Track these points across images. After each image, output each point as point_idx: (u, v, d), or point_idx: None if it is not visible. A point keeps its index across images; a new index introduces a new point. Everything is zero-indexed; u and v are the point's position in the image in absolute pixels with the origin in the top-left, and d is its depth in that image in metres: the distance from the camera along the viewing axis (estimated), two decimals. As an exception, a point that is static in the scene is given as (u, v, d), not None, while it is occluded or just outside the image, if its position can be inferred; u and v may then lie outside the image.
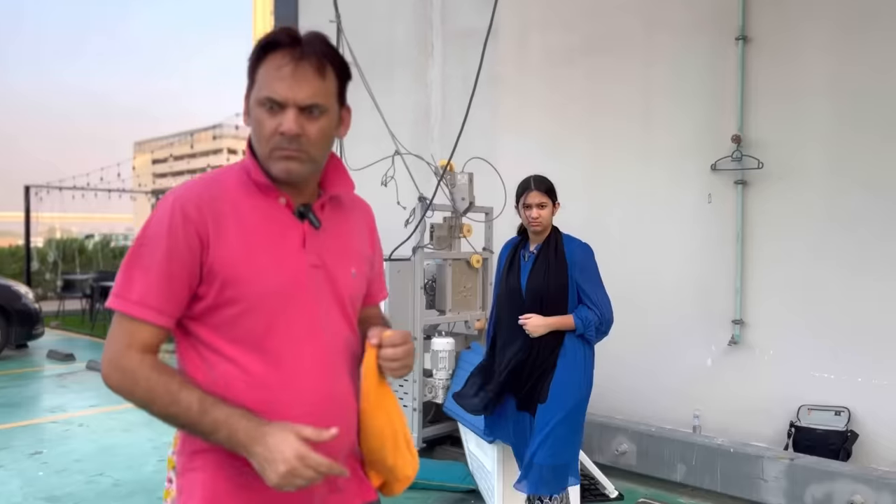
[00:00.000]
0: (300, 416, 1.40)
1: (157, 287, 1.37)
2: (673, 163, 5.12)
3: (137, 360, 1.38)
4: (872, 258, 4.29)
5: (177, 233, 1.37)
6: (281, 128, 1.38)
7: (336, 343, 1.51)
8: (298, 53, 1.38)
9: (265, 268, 1.41)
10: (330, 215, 1.54)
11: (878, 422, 4.25)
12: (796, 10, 4.58)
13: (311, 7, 8.18)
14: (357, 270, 1.56)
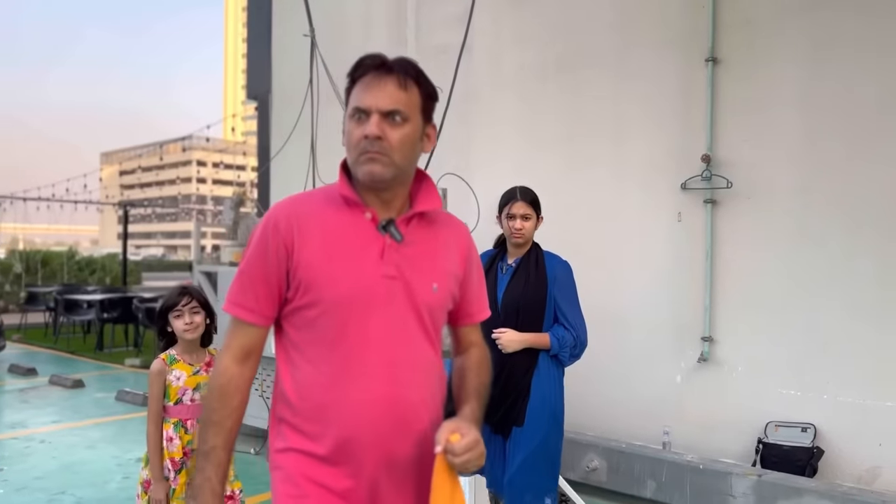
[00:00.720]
0: (351, 417, 1.55)
1: (253, 287, 1.59)
2: (644, 181, 5.18)
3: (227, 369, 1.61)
4: (839, 276, 4.37)
5: (268, 242, 1.58)
6: (365, 131, 1.53)
7: (407, 352, 1.59)
8: (383, 71, 1.56)
9: (341, 275, 1.55)
10: (416, 231, 1.64)
11: (843, 438, 4.31)
12: (764, 32, 4.68)
13: (285, 21, 8.17)
14: (440, 285, 1.64)
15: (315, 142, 6.58)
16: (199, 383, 3.03)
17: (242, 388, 1.62)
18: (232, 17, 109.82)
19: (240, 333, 1.62)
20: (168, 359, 3.02)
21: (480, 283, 1.80)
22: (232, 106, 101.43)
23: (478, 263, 1.79)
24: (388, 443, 1.57)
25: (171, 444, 2.97)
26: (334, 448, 1.57)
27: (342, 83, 6.38)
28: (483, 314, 1.82)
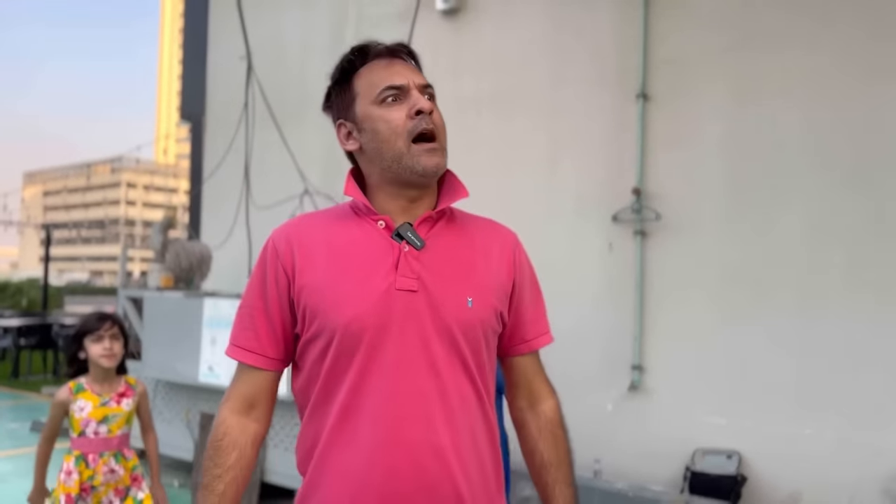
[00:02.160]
0: (350, 466, 1.27)
1: (251, 326, 1.37)
2: (576, 213, 5.28)
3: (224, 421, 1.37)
4: (761, 307, 4.52)
5: (266, 270, 1.36)
6: (416, 107, 1.31)
7: (433, 384, 1.28)
8: (391, 52, 1.38)
9: (348, 294, 1.28)
10: (444, 235, 1.36)
11: (765, 465, 4.43)
12: (692, 70, 4.86)
13: (221, 43, 8.07)
14: (476, 299, 1.32)
15: (249, 165, 6.50)
16: (107, 415, 2.90)
17: (241, 445, 1.35)
18: (168, 38, 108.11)
19: (241, 379, 1.39)
20: (75, 387, 2.90)
21: (537, 300, 1.48)
22: (165, 127, 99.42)
23: (529, 275, 1.47)
24: (405, 500, 1.26)
25: (70, 478, 2.83)
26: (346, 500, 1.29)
27: (279, 105, 6.39)
28: (543, 340, 1.49)
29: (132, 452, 3.00)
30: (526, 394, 1.49)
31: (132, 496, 2.94)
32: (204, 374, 5.18)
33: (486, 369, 1.36)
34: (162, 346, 5.54)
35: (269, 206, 6.10)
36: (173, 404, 5.64)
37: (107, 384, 2.94)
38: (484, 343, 1.34)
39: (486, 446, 1.35)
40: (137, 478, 2.98)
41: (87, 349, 2.90)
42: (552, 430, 1.45)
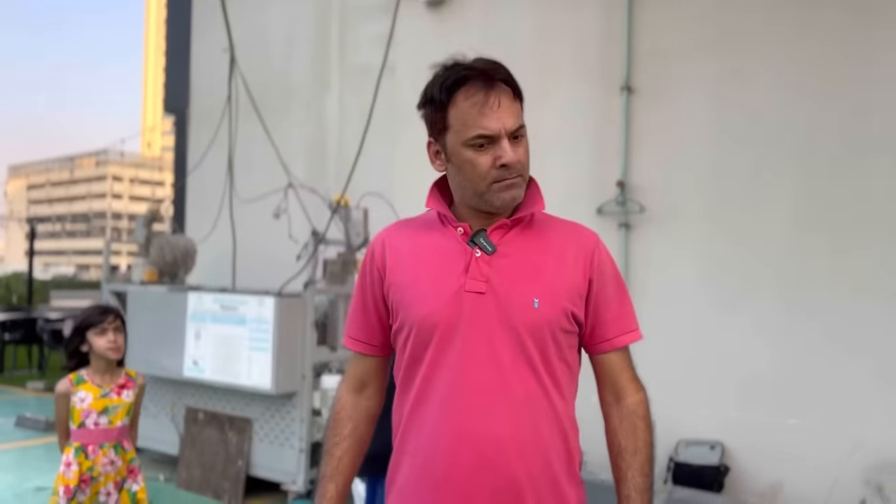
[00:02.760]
0: (417, 450, 1.44)
1: (357, 318, 1.59)
2: (561, 205, 5.22)
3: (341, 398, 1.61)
4: (745, 298, 4.55)
5: (366, 271, 1.56)
6: (501, 160, 1.40)
7: (497, 379, 1.39)
8: (489, 82, 1.42)
9: (424, 293, 1.44)
10: (517, 240, 1.47)
11: (748, 455, 4.47)
12: (676, 63, 4.87)
13: (204, 36, 8.01)
14: (544, 301, 1.41)
15: (232, 157, 6.46)
16: (108, 406, 2.92)
17: (355, 418, 1.57)
18: (153, 29, 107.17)
19: (353, 363, 1.62)
20: (75, 379, 2.92)
21: (620, 299, 1.53)
22: (151, 119, 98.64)
23: (611, 276, 1.52)
24: (471, 487, 1.38)
25: (69, 469, 2.85)
26: (405, 486, 1.46)
27: (263, 100, 6.36)
28: (627, 338, 1.54)
29: (130, 444, 3.03)
30: (611, 389, 1.56)
31: (127, 488, 2.97)
32: (188, 369, 5.17)
33: (557, 367, 1.45)
34: (146, 341, 5.51)
35: (253, 199, 6.07)
36: (158, 399, 5.62)
37: (108, 376, 2.96)
38: (552, 342, 1.43)
39: (552, 438, 1.44)
40: (134, 470, 3.01)
41: (90, 342, 2.91)
42: (633, 420, 1.52)
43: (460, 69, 1.45)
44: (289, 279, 4.95)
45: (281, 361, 4.67)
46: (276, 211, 5.28)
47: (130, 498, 2.97)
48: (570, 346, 1.48)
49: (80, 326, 2.95)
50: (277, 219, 5.31)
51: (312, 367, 4.81)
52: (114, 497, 2.92)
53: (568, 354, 1.48)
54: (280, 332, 4.67)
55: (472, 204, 1.47)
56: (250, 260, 6.26)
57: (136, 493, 2.99)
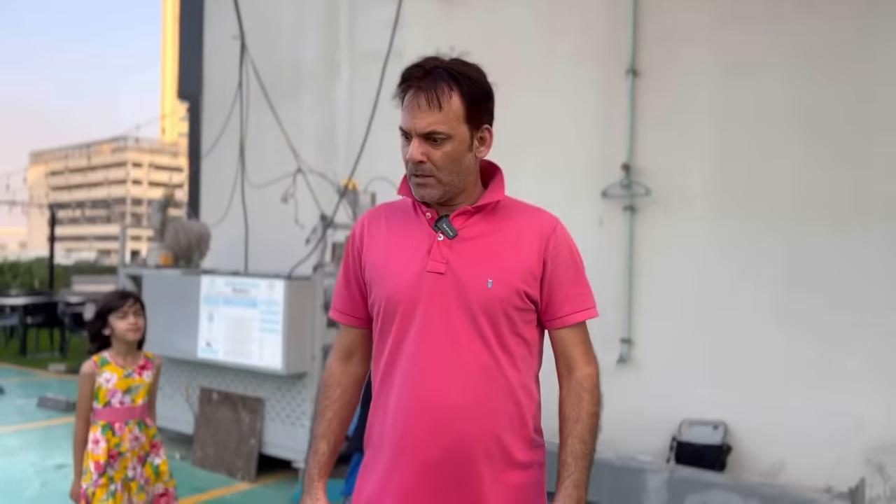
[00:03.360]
0: (385, 412, 1.59)
1: (341, 292, 1.73)
2: (567, 189, 5.33)
3: (330, 366, 1.76)
4: (749, 280, 4.59)
5: (348, 250, 1.72)
6: (406, 157, 1.56)
7: (451, 351, 1.53)
8: (416, 87, 1.54)
9: (392, 272, 1.59)
10: (478, 225, 1.60)
11: (751, 435, 4.52)
12: (681, 46, 4.88)
13: (216, 22, 8.09)
14: (496, 280, 1.54)
15: (244, 143, 6.55)
16: (131, 386, 3.05)
17: (343, 383, 1.73)
18: (170, 17, 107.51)
19: (341, 334, 1.78)
20: (99, 361, 3.04)
21: (574, 280, 1.64)
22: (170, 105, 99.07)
23: (566, 258, 1.63)
24: (426, 448, 1.53)
25: (97, 446, 2.98)
26: (376, 444, 1.62)
27: (273, 86, 6.45)
28: (579, 315, 1.64)
29: (152, 421, 3.18)
30: (564, 363, 1.67)
31: (150, 462, 3.11)
32: (202, 350, 5.29)
33: (510, 340, 1.57)
34: (161, 323, 5.63)
35: (263, 184, 6.17)
36: (173, 380, 5.76)
37: (129, 357, 3.10)
38: (504, 318, 1.56)
39: (504, 404, 1.57)
40: (156, 444, 3.16)
41: (112, 325, 3.04)
42: (579, 392, 1.63)
43: (410, 67, 1.57)
44: (298, 262, 5.05)
45: (291, 343, 4.78)
46: (284, 195, 5.37)
47: (153, 470, 3.12)
48: (525, 322, 1.60)
49: (102, 311, 3.08)
50: (285, 203, 5.40)
51: (322, 348, 4.92)
52: (138, 470, 3.06)
53: (523, 329, 1.59)
54: (290, 314, 4.78)
55: None
56: (262, 244, 6.37)
57: (158, 466, 3.14)
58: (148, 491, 3.10)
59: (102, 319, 3.06)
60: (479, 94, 1.59)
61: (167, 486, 3.16)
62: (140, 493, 3.06)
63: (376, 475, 1.61)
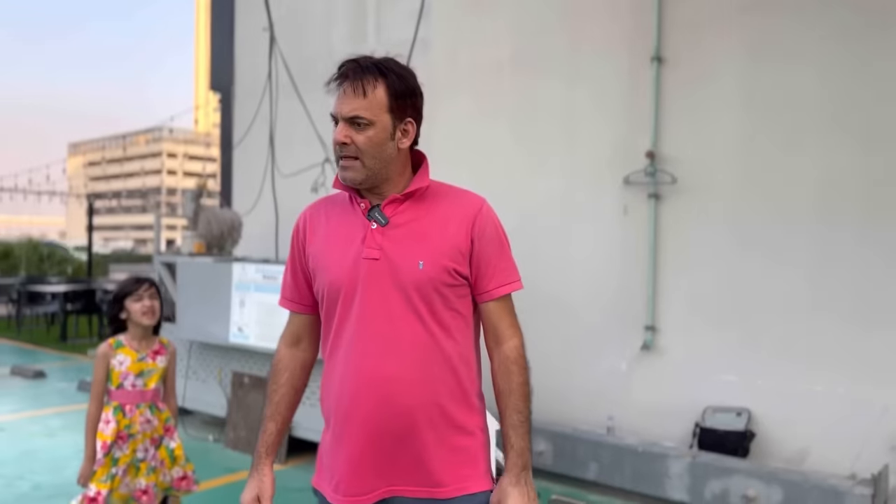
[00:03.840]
0: (336, 391, 1.70)
1: (288, 281, 1.85)
2: (592, 176, 5.36)
3: (279, 351, 1.88)
4: (774, 267, 4.59)
5: (293, 242, 1.83)
6: (334, 138, 1.67)
7: (390, 329, 1.65)
8: (346, 77, 1.66)
9: (331, 262, 1.71)
10: (409, 212, 1.71)
11: (775, 422, 4.54)
12: (707, 32, 4.87)
13: (247, 14, 8.22)
14: (428, 262, 1.65)
15: (273, 133, 6.68)
16: (143, 370, 3.13)
17: (291, 367, 1.85)
18: (203, 9, 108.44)
19: (289, 321, 1.88)
20: (114, 343, 3.13)
21: (499, 256, 1.73)
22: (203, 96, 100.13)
23: (491, 235, 1.73)
24: (370, 419, 1.65)
25: (107, 426, 3.06)
26: (330, 414, 1.74)
27: (302, 77, 6.59)
28: (505, 289, 1.73)
29: (165, 405, 3.25)
30: (492, 335, 1.76)
31: (165, 445, 3.19)
32: (234, 336, 5.44)
33: (445, 315, 1.68)
34: (195, 309, 5.81)
35: (293, 174, 6.29)
36: (207, 364, 5.93)
37: (144, 342, 3.17)
38: (437, 295, 1.67)
39: (442, 374, 1.68)
40: (170, 428, 3.23)
41: (127, 309, 3.12)
42: (508, 365, 1.72)
43: (345, 62, 1.69)
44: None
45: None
46: (314, 185, 5.47)
47: (168, 453, 3.19)
48: (459, 297, 1.71)
49: (118, 295, 3.15)
50: (315, 192, 5.50)
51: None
52: (151, 452, 3.14)
53: (457, 304, 1.70)
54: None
55: None
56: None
57: (173, 450, 3.21)
58: (165, 474, 3.17)
59: (119, 303, 3.13)
60: (403, 88, 1.69)
61: (185, 469, 3.23)
62: (150, 475, 3.13)
63: (329, 446, 1.75)
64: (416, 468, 1.67)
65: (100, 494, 2.99)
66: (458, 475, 1.68)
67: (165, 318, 6.42)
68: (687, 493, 4.25)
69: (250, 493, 1.78)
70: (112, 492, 3.03)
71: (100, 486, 3.01)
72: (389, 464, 1.67)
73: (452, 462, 1.68)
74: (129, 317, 3.13)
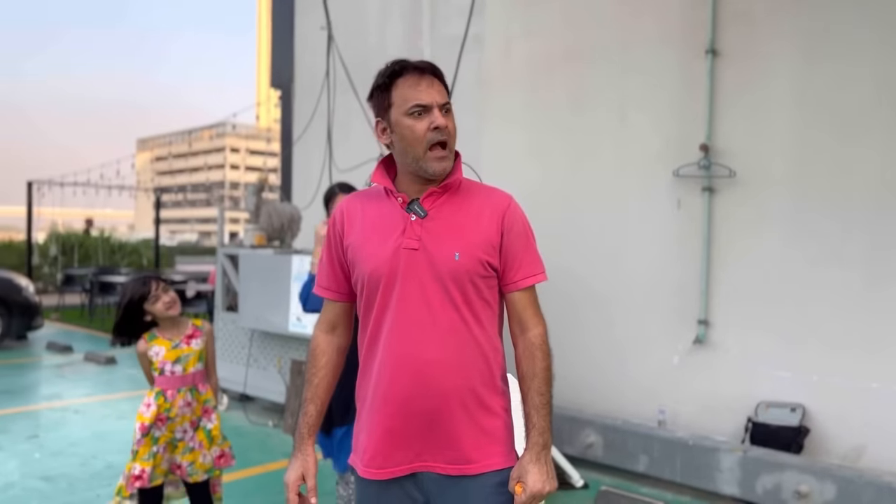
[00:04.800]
0: (376, 375, 1.80)
1: (325, 271, 1.94)
2: (645, 169, 5.35)
3: (316, 337, 1.98)
4: (830, 261, 4.52)
5: (330, 234, 1.92)
6: (434, 124, 1.73)
7: (428, 316, 1.75)
8: (422, 72, 1.76)
9: (371, 252, 1.80)
10: (445, 206, 1.80)
11: (830, 418, 4.47)
12: (762, 24, 4.81)
13: (307, 12, 8.44)
14: (462, 252, 1.75)
15: (331, 130, 6.85)
16: (180, 356, 3.27)
17: (328, 352, 1.95)
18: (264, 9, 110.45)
19: (325, 309, 1.98)
20: (148, 336, 3.28)
21: (525, 249, 1.83)
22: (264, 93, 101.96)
23: (519, 230, 1.82)
24: (407, 399, 1.75)
25: (148, 409, 3.22)
26: (370, 394, 1.83)
27: (358, 74, 6.73)
28: (530, 280, 1.82)
29: (206, 387, 3.38)
30: (518, 323, 1.86)
31: (202, 426, 3.33)
32: (293, 325, 5.64)
33: (477, 304, 1.79)
34: (255, 299, 6.03)
35: (349, 168, 6.45)
36: (267, 352, 6.15)
37: (175, 330, 3.31)
38: (471, 285, 1.78)
39: (473, 359, 1.79)
40: (208, 410, 3.36)
41: (150, 311, 3.25)
42: (532, 350, 1.82)
43: (399, 63, 1.79)
44: (381, 243, 5.29)
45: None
46: (368, 180, 5.60)
47: (206, 434, 3.33)
48: (489, 288, 1.81)
49: (132, 303, 3.22)
50: (369, 187, 5.64)
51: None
52: (190, 434, 3.29)
53: (487, 295, 1.81)
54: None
55: (412, 170, 1.80)
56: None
57: (210, 430, 3.34)
58: (205, 455, 3.30)
59: (140, 311, 3.22)
60: (446, 84, 1.82)
61: (222, 447, 3.37)
62: (187, 454, 3.27)
63: (364, 424, 1.85)
64: (447, 446, 1.77)
65: (144, 472, 3.17)
66: (484, 452, 1.78)
67: (228, 307, 6.68)
68: (738, 487, 4.24)
69: (294, 473, 1.88)
70: (155, 468, 3.21)
71: (143, 464, 3.18)
72: (421, 441, 1.78)
73: (480, 441, 1.78)
74: (154, 316, 3.25)
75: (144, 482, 3.18)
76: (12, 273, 10.32)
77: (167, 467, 3.27)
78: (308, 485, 1.90)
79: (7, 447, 5.29)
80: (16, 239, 19.75)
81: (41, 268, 17.21)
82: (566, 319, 5.45)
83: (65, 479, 4.67)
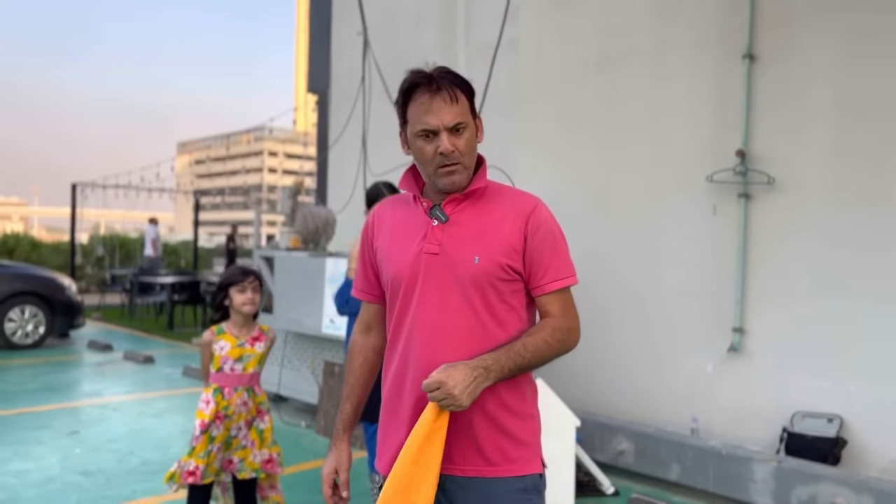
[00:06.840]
0: (389, 375, 1.88)
1: (360, 274, 2.01)
2: (680, 175, 5.31)
3: (353, 338, 2.05)
4: (868, 270, 4.43)
5: (363, 239, 1.99)
6: (439, 150, 1.76)
7: (447, 317, 1.77)
8: (434, 88, 1.76)
9: (395, 257, 1.85)
10: (467, 210, 1.83)
11: (869, 430, 4.38)
12: (800, 29, 4.75)
13: (343, 19, 8.54)
14: (482, 256, 1.76)
15: (366, 134, 6.92)
16: (243, 355, 3.35)
17: (364, 352, 2.02)
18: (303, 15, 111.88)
19: (362, 310, 2.05)
20: (216, 330, 3.37)
21: (553, 252, 1.81)
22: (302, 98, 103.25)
23: (545, 233, 1.81)
24: (418, 394, 1.76)
25: (207, 406, 3.29)
26: (388, 397, 1.89)
27: (393, 79, 6.83)
28: (558, 283, 1.80)
29: (261, 389, 3.47)
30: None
31: (255, 426, 3.41)
32: (326, 327, 5.70)
33: (498, 307, 1.80)
34: (290, 301, 6.12)
35: (383, 173, 6.50)
36: (301, 353, 6.22)
37: (244, 329, 3.40)
38: (491, 289, 1.79)
39: None
40: (262, 411, 3.44)
41: (231, 298, 3.35)
42: (547, 322, 1.82)
43: (414, 76, 1.79)
44: (414, 247, 5.32)
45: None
46: (401, 184, 5.65)
47: (258, 434, 3.40)
48: (512, 292, 1.81)
49: (224, 283, 3.37)
50: (402, 192, 5.68)
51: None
52: (244, 432, 3.36)
53: (510, 298, 1.81)
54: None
55: (429, 182, 1.85)
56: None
57: (263, 431, 3.42)
58: (256, 454, 3.38)
59: (224, 291, 3.35)
60: (471, 90, 1.83)
61: (271, 451, 3.43)
62: (240, 451, 3.36)
63: (386, 426, 1.89)
64: (468, 449, 1.78)
65: (198, 469, 3.24)
66: (509, 457, 1.78)
67: (264, 308, 6.78)
68: (771, 497, 4.17)
69: (329, 466, 1.95)
70: (208, 466, 3.28)
71: (198, 461, 3.25)
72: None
73: (504, 444, 1.78)
74: (231, 304, 3.35)
75: (197, 479, 3.24)
76: (56, 273, 10.58)
77: (219, 466, 3.34)
78: (340, 479, 1.95)
79: (49, 442, 5.43)
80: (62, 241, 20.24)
81: (84, 268, 17.62)
82: (599, 325, 5.43)
83: (102, 474, 4.78)
